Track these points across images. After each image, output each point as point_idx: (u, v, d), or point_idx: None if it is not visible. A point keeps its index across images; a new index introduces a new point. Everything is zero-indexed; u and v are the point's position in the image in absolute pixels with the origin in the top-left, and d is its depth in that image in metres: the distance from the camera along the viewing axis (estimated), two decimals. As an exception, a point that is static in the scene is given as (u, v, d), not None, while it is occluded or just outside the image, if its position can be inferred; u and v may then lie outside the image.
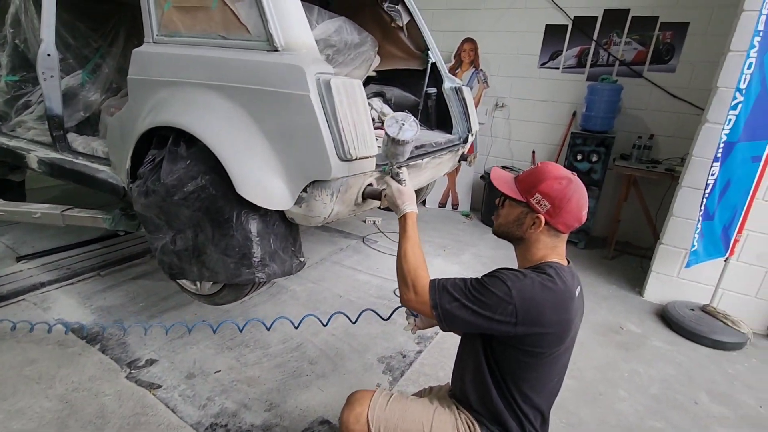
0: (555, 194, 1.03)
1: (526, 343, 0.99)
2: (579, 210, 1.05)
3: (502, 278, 0.99)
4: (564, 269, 1.05)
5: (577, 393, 1.91)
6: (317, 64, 1.47)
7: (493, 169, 1.21)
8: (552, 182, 1.04)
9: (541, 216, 1.04)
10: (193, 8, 1.67)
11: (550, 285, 0.99)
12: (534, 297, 0.97)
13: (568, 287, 1.01)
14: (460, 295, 1.00)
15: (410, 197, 1.27)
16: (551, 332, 0.99)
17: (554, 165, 1.09)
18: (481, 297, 0.98)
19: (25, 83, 2.78)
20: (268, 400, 1.73)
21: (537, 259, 1.08)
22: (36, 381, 1.73)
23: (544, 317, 0.97)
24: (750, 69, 2.05)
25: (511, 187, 1.12)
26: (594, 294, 2.85)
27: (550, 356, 1.02)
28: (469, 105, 2.62)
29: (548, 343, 1.00)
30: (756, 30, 2.00)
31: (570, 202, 1.03)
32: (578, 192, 1.05)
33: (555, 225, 1.05)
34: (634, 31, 3.49)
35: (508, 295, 0.96)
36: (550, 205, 1.04)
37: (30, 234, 2.98)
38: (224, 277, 1.65)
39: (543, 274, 1.01)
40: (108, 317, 2.18)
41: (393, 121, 1.28)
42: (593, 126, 3.45)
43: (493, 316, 0.97)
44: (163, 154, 1.67)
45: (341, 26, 2.24)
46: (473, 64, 4.12)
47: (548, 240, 1.07)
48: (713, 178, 2.24)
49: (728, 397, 1.98)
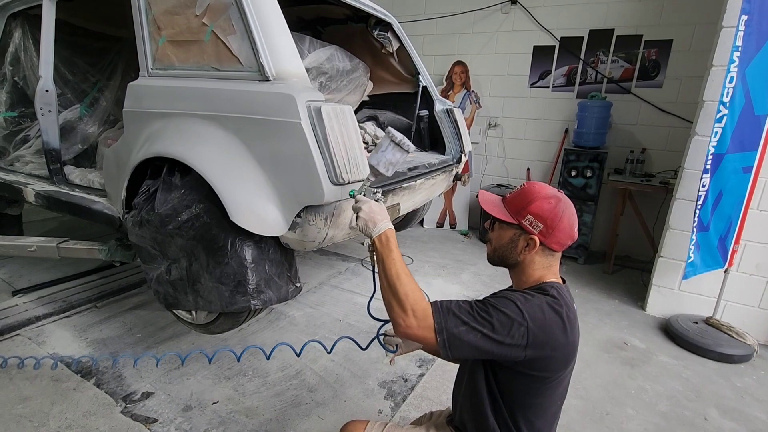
0: (546, 214, 1.02)
1: (533, 368, 0.96)
2: (571, 227, 1.04)
3: (512, 299, 0.95)
4: (563, 289, 1.04)
5: (583, 413, 1.87)
6: (308, 92, 1.50)
7: (480, 192, 1.20)
8: (542, 202, 1.04)
9: (535, 237, 1.03)
10: (186, 42, 1.72)
11: (556, 307, 0.97)
12: (544, 319, 0.94)
13: (571, 308, 1.00)
14: (468, 317, 0.93)
15: (386, 214, 1.16)
16: (558, 355, 0.96)
17: (541, 184, 1.08)
18: (491, 319, 0.92)
19: (23, 118, 2.82)
20: (268, 430, 1.69)
21: (534, 281, 1.06)
22: (29, 419, 1.69)
23: (553, 340, 0.94)
24: (732, 83, 2.10)
25: (501, 209, 1.10)
26: (596, 310, 2.83)
27: (556, 380, 1.00)
28: (460, 125, 2.66)
29: (555, 367, 0.97)
30: (734, 45, 2.06)
31: (562, 220, 1.03)
32: (568, 210, 1.04)
33: (549, 245, 1.04)
34: (619, 49, 3.58)
35: (520, 316, 0.92)
36: (543, 225, 1.03)
37: (26, 267, 2.96)
38: (219, 306, 1.63)
39: (548, 296, 0.98)
40: (104, 350, 2.15)
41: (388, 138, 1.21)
42: (585, 142, 3.49)
43: (504, 340, 0.91)
44: (158, 184, 1.68)
45: (333, 54, 2.30)
46: (464, 86, 4.20)
47: (543, 260, 1.06)
48: (704, 190, 2.25)
49: (738, 412, 1.93)
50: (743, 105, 2.15)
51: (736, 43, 2.06)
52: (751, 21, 2.05)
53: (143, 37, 1.82)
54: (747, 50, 2.08)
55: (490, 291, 3.15)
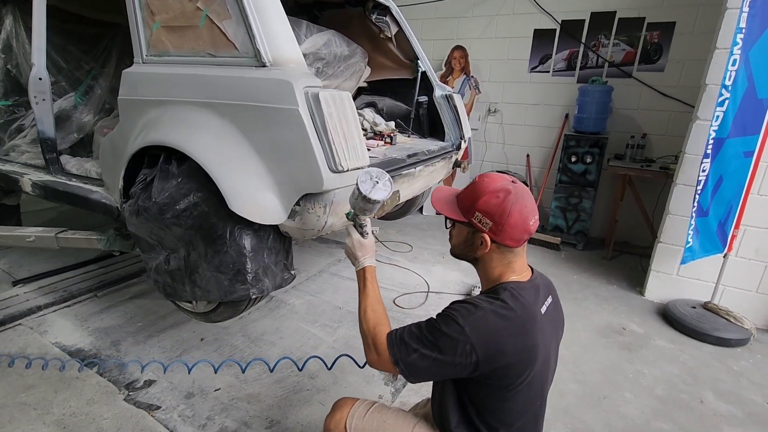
0: (493, 210, 0.96)
1: (494, 377, 0.93)
2: (524, 221, 0.97)
3: (452, 316, 0.92)
4: (523, 288, 0.98)
5: (581, 397, 1.89)
6: (305, 78, 1.47)
7: (436, 189, 1.14)
8: (489, 197, 0.97)
9: (485, 235, 0.98)
10: (181, 27, 1.69)
11: (504, 312, 0.92)
12: (489, 329, 0.90)
13: (527, 309, 0.95)
14: (417, 344, 0.94)
15: (370, 250, 1.20)
16: (515, 362, 0.92)
17: (491, 177, 1.02)
18: (437, 342, 0.91)
19: (17, 107, 2.79)
20: (269, 417, 1.71)
21: (495, 279, 1.02)
22: (33, 407, 1.70)
23: (504, 348, 0.90)
24: (734, 66, 2.07)
25: (453, 207, 1.05)
26: (595, 295, 2.84)
27: (523, 383, 0.95)
28: (460, 112, 2.64)
29: (516, 373, 0.93)
30: (738, 27, 2.02)
31: (511, 215, 0.95)
32: (519, 201, 0.97)
33: (502, 242, 0.98)
34: (621, 32, 3.52)
35: (461, 334, 0.89)
36: (492, 222, 0.97)
37: (26, 257, 2.97)
38: (217, 295, 1.63)
39: (497, 301, 0.94)
40: (105, 338, 2.16)
41: (367, 177, 1.18)
42: (586, 127, 3.46)
43: (454, 360, 0.90)
44: (155, 172, 1.67)
45: (330, 39, 2.26)
46: (464, 71, 4.15)
47: (501, 257, 1.01)
48: (704, 175, 2.24)
49: (735, 395, 1.96)
50: (746, 88, 2.12)
51: (739, 24, 2.02)
52: (755, 2, 2.01)
53: (137, 22, 1.78)
54: (751, 32, 2.04)
55: (489, 277, 3.09)
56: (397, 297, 2.69)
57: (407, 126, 2.76)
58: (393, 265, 3.17)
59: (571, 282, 3.03)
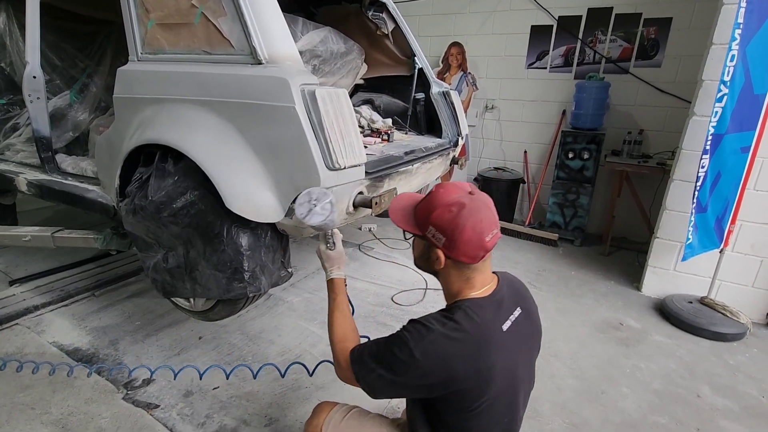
0: (446, 225, 0.91)
1: (452, 398, 0.90)
2: (479, 237, 0.90)
3: (405, 339, 0.89)
4: (481, 305, 0.92)
5: (579, 392, 1.90)
6: (302, 75, 1.47)
7: (397, 197, 1.09)
8: (442, 211, 0.92)
9: (439, 251, 0.93)
10: (176, 25, 1.67)
11: (455, 335, 0.87)
12: (439, 354, 0.86)
13: (482, 329, 0.89)
14: (375, 364, 0.91)
15: (338, 261, 1.18)
16: (469, 387, 0.88)
17: (447, 188, 0.95)
18: (391, 363, 0.89)
19: (12, 106, 2.77)
20: (268, 414, 1.71)
21: (454, 295, 0.98)
22: (31, 407, 1.70)
23: (455, 374, 0.86)
24: (733, 61, 2.07)
25: (409, 219, 0.99)
26: (592, 291, 2.85)
27: (483, 405, 0.90)
28: (457, 108, 2.63)
29: (472, 397, 0.89)
30: (736, 22, 2.02)
31: (464, 231, 0.89)
32: (474, 216, 0.90)
33: (456, 258, 0.92)
34: (618, 28, 3.52)
35: (411, 357, 0.86)
36: (445, 237, 0.91)
37: (23, 257, 2.95)
38: (216, 293, 1.63)
39: (450, 322, 0.89)
40: (104, 338, 2.15)
41: (305, 199, 1.14)
42: (583, 124, 3.47)
43: (408, 381, 0.88)
44: (151, 171, 1.66)
45: (327, 36, 2.25)
46: (461, 68, 4.14)
47: (459, 273, 0.95)
48: (704, 171, 2.24)
49: (731, 389, 1.97)
50: (743, 84, 2.12)
51: (737, 20, 2.02)
52: None
53: (131, 20, 1.77)
54: (748, 27, 2.04)
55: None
56: (395, 294, 2.69)
57: (404, 123, 2.75)
58: (391, 263, 3.17)
59: (568, 278, 3.04)
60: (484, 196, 0.96)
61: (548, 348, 2.21)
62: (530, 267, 3.20)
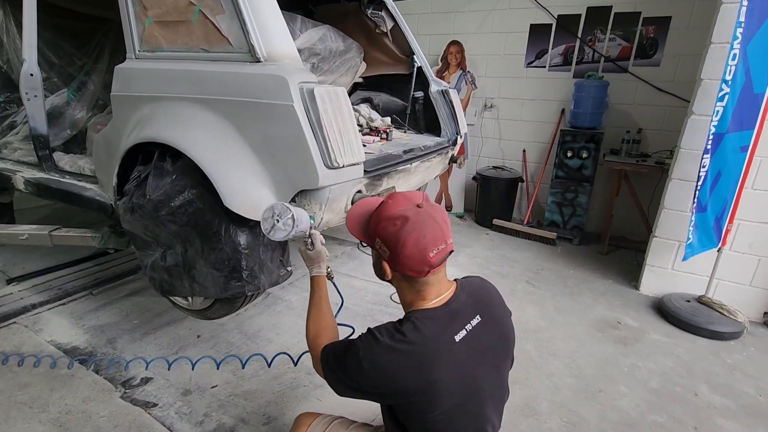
0: (389, 239, 0.89)
1: (408, 410, 0.89)
2: (421, 252, 0.87)
3: (356, 349, 0.88)
4: (431, 317, 0.90)
5: (577, 391, 1.90)
6: (300, 73, 1.46)
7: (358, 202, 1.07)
8: (386, 224, 0.89)
9: (385, 264, 0.92)
10: (173, 22, 1.67)
11: (400, 347, 0.85)
12: (385, 367, 0.85)
13: (430, 342, 0.87)
14: (336, 365, 0.92)
15: (317, 260, 1.19)
16: (418, 400, 0.86)
17: (396, 199, 0.92)
18: (347, 370, 0.90)
19: (9, 104, 2.76)
20: (266, 413, 1.71)
21: (407, 305, 0.96)
22: (29, 405, 1.70)
23: (401, 387, 0.85)
24: (734, 60, 2.05)
25: (362, 227, 0.99)
26: (590, 290, 2.85)
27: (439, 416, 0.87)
28: (456, 107, 2.63)
29: (423, 410, 0.87)
30: (738, 21, 2.01)
31: (405, 246, 0.87)
32: (417, 231, 0.87)
33: (402, 272, 0.91)
34: (617, 27, 3.52)
35: (360, 367, 0.87)
36: (389, 251, 0.90)
37: (20, 255, 2.94)
38: (214, 292, 1.63)
39: (397, 334, 0.87)
40: (101, 336, 2.15)
41: (269, 214, 1.15)
42: (582, 123, 3.47)
43: (362, 389, 0.88)
44: (149, 169, 1.65)
45: (325, 34, 2.24)
46: (460, 66, 4.14)
47: (409, 286, 0.94)
48: (704, 170, 2.21)
49: (728, 387, 1.98)
50: (743, 83, 2.11)
51: (739, 18, 1.99)
52: None
53: (129, 17, 1.76)
54: (749, 26, 2.02)
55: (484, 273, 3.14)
56: (394, 293, 2.69)
57: (403, 121, 2.75)
58: (390, 261, 3.17)
59: (567, 277, 3.04)
60: (435, 208, 0.93)
61: (546, 347, 2.21)
62: (528, 266, 3.20)
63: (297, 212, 1.16)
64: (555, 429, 1.69)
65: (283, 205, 1.16)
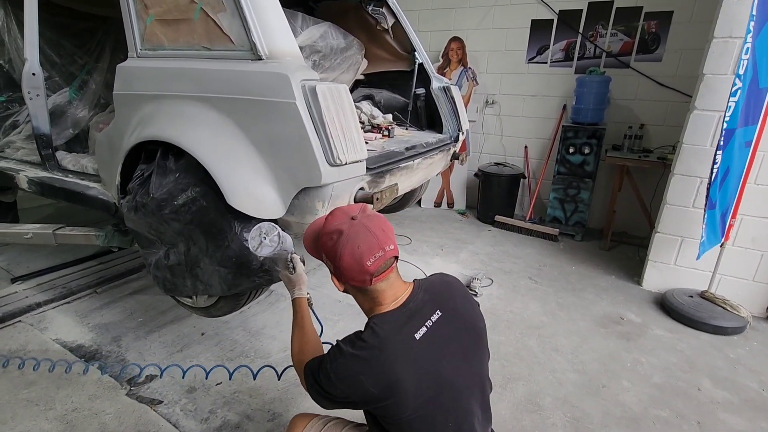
0: (329, 253, 0.93)
1: (382, 413, 0.91)
2: (358, 262, 0.89)
3: (324, 363, 0.93)
4: (387, 320, 0.92)
5: (580, 386, 1.91)
6: (302, 71, 1.46)
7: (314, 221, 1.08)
8: (325, 240, 0.93)
9: (333, 276, 0.96)
10: (175, 21, 1.67)
11: (360, 354, 0.88)
12: (349, 376, 0.88)
13: (387, 343, 0.89)
14: (314, 380, 0.95)
15: (299, 283, 1.24)
16: (386, 404, 0.88)
17: (334, 215, 0.96)
18: (321, 383, 0.93)
19: (12, 103, 2.76)
20: (271, 410, 1.72)
21: (367, 312, 0.99)
22: (35, 403, 1.71)
23: (367, 393, 0.87)
24: (747, 54, 1.98)
25: (313, 241, 1.02)
26: (593, 286, 2.86)
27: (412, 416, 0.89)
28: (458, 104, 2.62)
29: (394, 412, 0.89)
30: (751, 14, 1.95)
31: (342, 258, 0.90)
32: (351, 242, 0.90)
33: (347, 283, 0.94)
34: (619, 22, 3.50)
35: (329, 378, 0.90)
36: (332, 264, 0.93)
37: (24, 254, 2.96)
38: (219, 290, 1.64)
39: (358, 341, 0.90)
40: (106, 334, 2.16)
41: (256, 233, 1.26)
42: (584, 118, 3.46)
43: (336, 399, 0.91)
44: (152, 168, 1.66)
45: (326, 31, 2.24)
46: (461, 63, 4.12)
47: (363, 294, 0.96)
48: (716, 167, 2.12)
49: (731, 382, 1.98)
50: (751, 77, 2.06)
51: (752, 11, 1.95)
52: None
53: (130, 16, 1.76)
54: (759, 20, 1.99)
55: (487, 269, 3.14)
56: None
57: (405, 118, 2.75)
58: (392, 258, 3.17)
59: (569, 273, 3.04)
60: (370, 218, 0.94)
61: (549, 342, 2.22)
62: (531, 262, 3.20)
63: (281, 232, 1.30)
64: (558, 424, 1.70)
65: (269, 224, 1.28)
